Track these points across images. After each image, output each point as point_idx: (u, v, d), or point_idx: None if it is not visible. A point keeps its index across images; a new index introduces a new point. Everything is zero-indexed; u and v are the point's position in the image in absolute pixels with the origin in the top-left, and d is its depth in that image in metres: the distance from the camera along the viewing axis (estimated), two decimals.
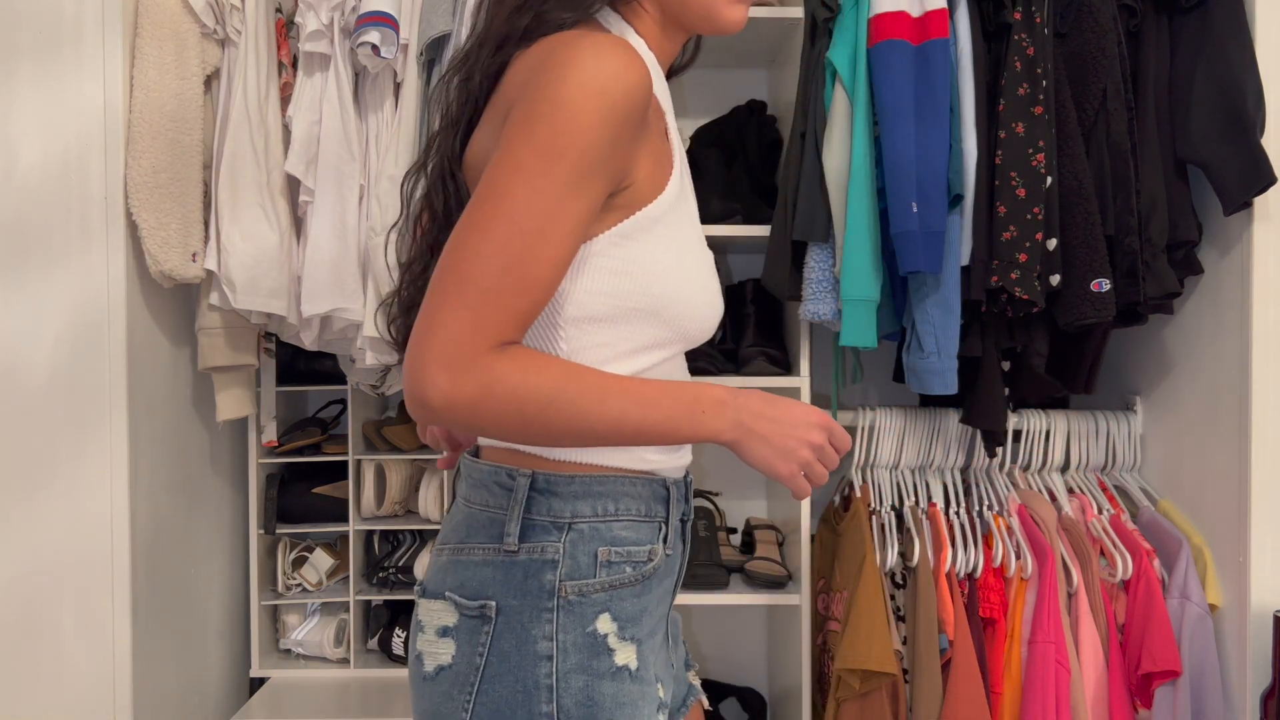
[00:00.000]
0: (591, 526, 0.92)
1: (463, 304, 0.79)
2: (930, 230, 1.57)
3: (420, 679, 0.94)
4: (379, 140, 1.74)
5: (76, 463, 1.54)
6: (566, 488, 0.92)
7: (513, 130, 0.82)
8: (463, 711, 0.90)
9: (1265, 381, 1.60)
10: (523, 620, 0.90)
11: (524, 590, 0.90)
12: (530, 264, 0.80)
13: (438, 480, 2.06)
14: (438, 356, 0.79)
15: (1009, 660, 1.74)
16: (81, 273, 1.54)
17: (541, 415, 0.82)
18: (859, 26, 1.66)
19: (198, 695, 1.83)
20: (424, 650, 0.93)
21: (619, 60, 0.82)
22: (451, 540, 0.96)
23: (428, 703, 0.93)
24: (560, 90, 0.80)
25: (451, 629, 0.92)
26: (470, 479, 0.97)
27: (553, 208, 0.80)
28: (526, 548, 0.91)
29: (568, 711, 0.89)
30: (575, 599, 0.90)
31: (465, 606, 0.91)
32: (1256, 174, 1.56)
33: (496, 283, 0.79)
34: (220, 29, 1.68)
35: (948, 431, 1.90)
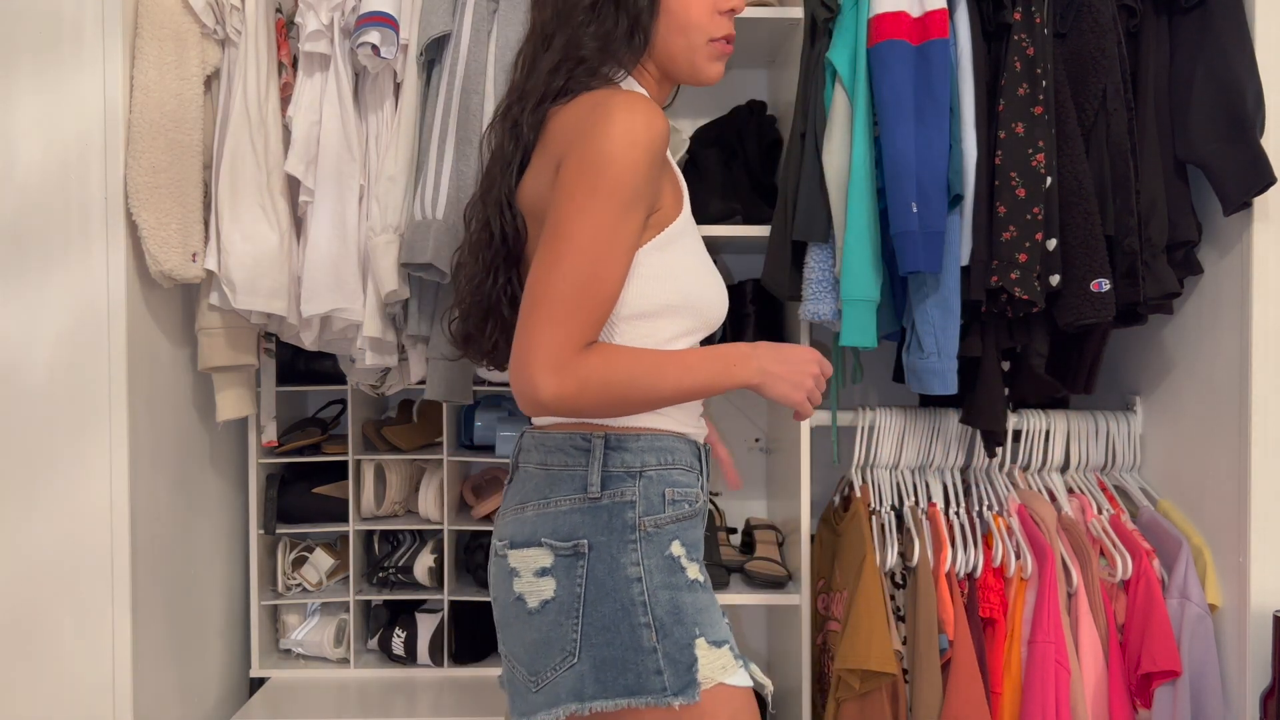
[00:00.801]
0: (658, 473, 1.16)
1: (553, 321, 1.03)
2: (930, 230, 1.57)
3: (525, 615, 1.14)
4: (379, 140, 1.73)
5: (76, 462, 1.54)
6: (634, 444, 1.16)
7: (570, 178, 1.07)
8: (573, 633, 1.11)
9: (1265, 381, 1.60)
10: (611, 552, 1.12)
11: (609, 528, 1.13)
12: (599, 282, 1.06)
13: (437, 480, 2.06)
14: (542, 364, 1.03)
15: (1009, 660, 1.74)
16: (81, 273, 1.54)
17: (625, 393, 1.09)
18: (859, 27, 1.66)
19: (198, 695, 1.83)
20: (524, 591, 1.14)
21: (646, 114, 1.07)
22: (533, 498, 1.17)
23: (535, 633, 1.13)
24: (605, 144, 1.05)
25: (549, 568, 1.13)
26: (544, 447, 1.19)
27: (610, 237, 1.05)
28: (608, 494, 1.14)
29: (660, 620, 1.11)
30: (652, 530, 1.14)
31: (560, 548, 1.13)
32: (1256, 174, 1.57)
33: (577, 300, 1.04)
34: (220, 29, 1.67)
35: (948, 431, 1.90)
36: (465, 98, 1.67)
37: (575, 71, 1.16)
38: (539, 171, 1.17)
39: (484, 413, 2.11)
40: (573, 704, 1.10)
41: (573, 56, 1.16)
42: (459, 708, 1.88)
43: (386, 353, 1.78)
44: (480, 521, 2.06)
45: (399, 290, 1.68)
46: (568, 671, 1.11)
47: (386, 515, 2.09)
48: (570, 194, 1.06)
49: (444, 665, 2.02)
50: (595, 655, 1.10)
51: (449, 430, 2.04)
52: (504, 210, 1.20)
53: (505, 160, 1.21)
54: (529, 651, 1.14)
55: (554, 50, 1.18)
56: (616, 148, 1.05)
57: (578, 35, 1.16)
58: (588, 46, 1.16)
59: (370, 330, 1.72)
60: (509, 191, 1.21)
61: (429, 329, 1.73)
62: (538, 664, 1.13)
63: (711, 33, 1.20)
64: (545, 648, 1.12)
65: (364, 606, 2.11)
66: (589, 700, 1.10)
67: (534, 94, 1.18)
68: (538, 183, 1.16)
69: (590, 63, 1.16)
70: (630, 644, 1.10)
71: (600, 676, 1.10)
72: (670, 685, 1.09)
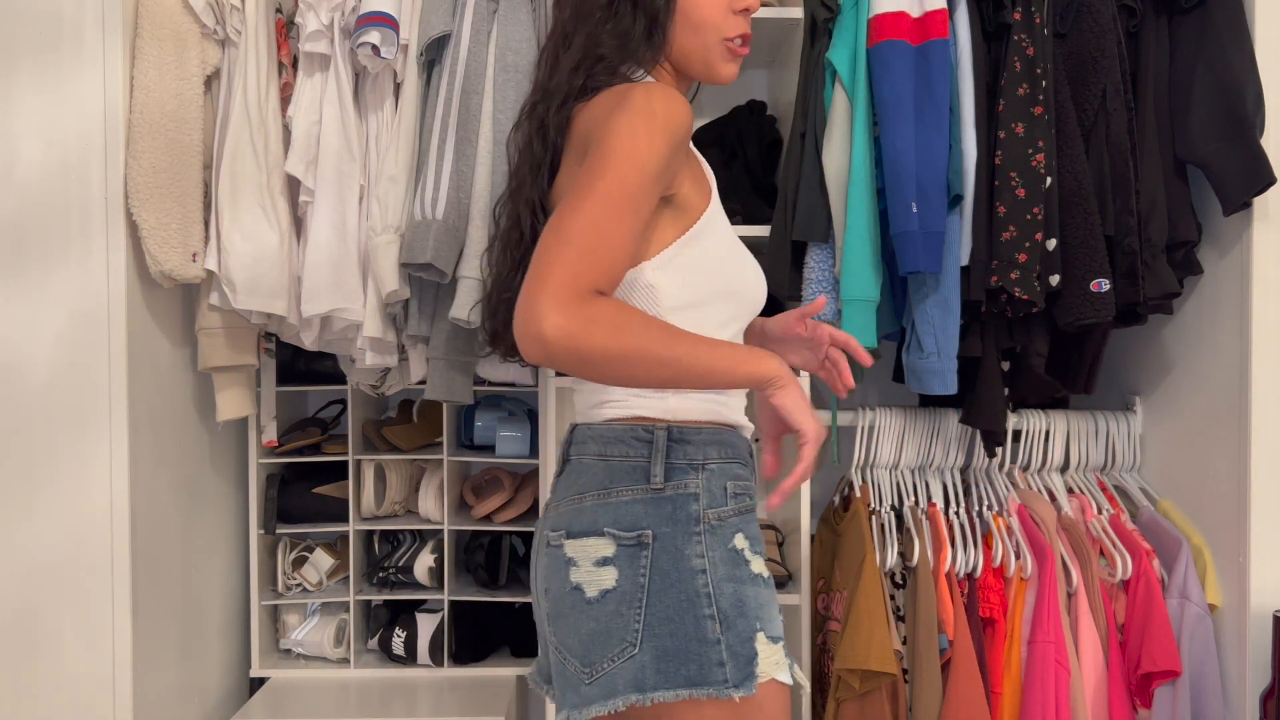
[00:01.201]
0: (719, 466, 1.17)
1: (564, 261, 0.99)
2: (930, 230, 1.58)
3: (582, 604, 1.13)
4: (379, 140, 1.74)
5: (76, 462, 1.54)
6: (696, 436, 1.16)
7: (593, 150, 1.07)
8: (635, 623, 1.10)
9: (1265, 381, 1.60)
10: (675, 543, 1.12)
11: (673, 519, 1.13)
12: (614, 233, 1.02)
13: (437, 480, 2.06)
14: (550, 298, 0.97)
15: (1009, 660, 1.74)
16: (81, 273, 1.54)
17: (630, 348, 1.01)
18: (859, 27, 1.66)
19: (198, 695, 1.83)
20: (583, 580, 1.13)
21: (665, 96, 1.08)
22: (591, 488, 1.17)
23: (594, 623, 1.12)
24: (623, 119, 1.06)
25: (611, 558, 1.13)
26: (602, 439, 1.19)
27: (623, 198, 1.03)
28: (671, 485, 1.14)
29: (725, 612, 1.11)
30: (716, 523, 1.14)
31: (623, 537, 1.13)
32: (1256, 174, 1.57)
33: (590, 244, 1.00)
34: (220, 29, 1.68)
35: (947, 431, 1.90)
36: (465, 98, 1.67)
37: (595, 69, 1.17)
38: (569, 168, 1.19)
39: (484, 413, 2.11)
40: (633, 694, 1.09)
41: (592, 54, 1.18)
42: (459, 708, 1.88)
43: (386, 353, 1.78)
44: (480, 521, 2.06)
45: (399, 290, 1.68)
46: (627, 662, 1.10)
47: (386, 515, 2.09)
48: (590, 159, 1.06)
49: (444, 665, 2.02)
50: (657, 646, 1.10)
51: (449, 430, 2.05)
52: (535, 211, 1.21)
53: (535, 161, 1.22)
54: (584, 642, 1.13)
55: (574, 49, 1.19)
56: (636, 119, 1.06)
57: (597, 34, 1.18)
58: (606, 45, 1.17)
59: (370, 330, 1.72)
60: (541, 193, 1.22)
61: (429, 329, 1.73)
62: (594, 654, 1.12)
63: (726, 32, 1.20)
64: (604, 638, 1.11)
65: (364, 606, 2.11)
66: (650, 691, 1.09)
67: (558, 93, 1.19)
68: (567, 182, 1.18)
69: (609, 60, 1.17)
70: (694, 635, 1.10)
71: (662, 667, 1.09)
72: (731, 677, 1.09)
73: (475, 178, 1.66)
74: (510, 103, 1.66)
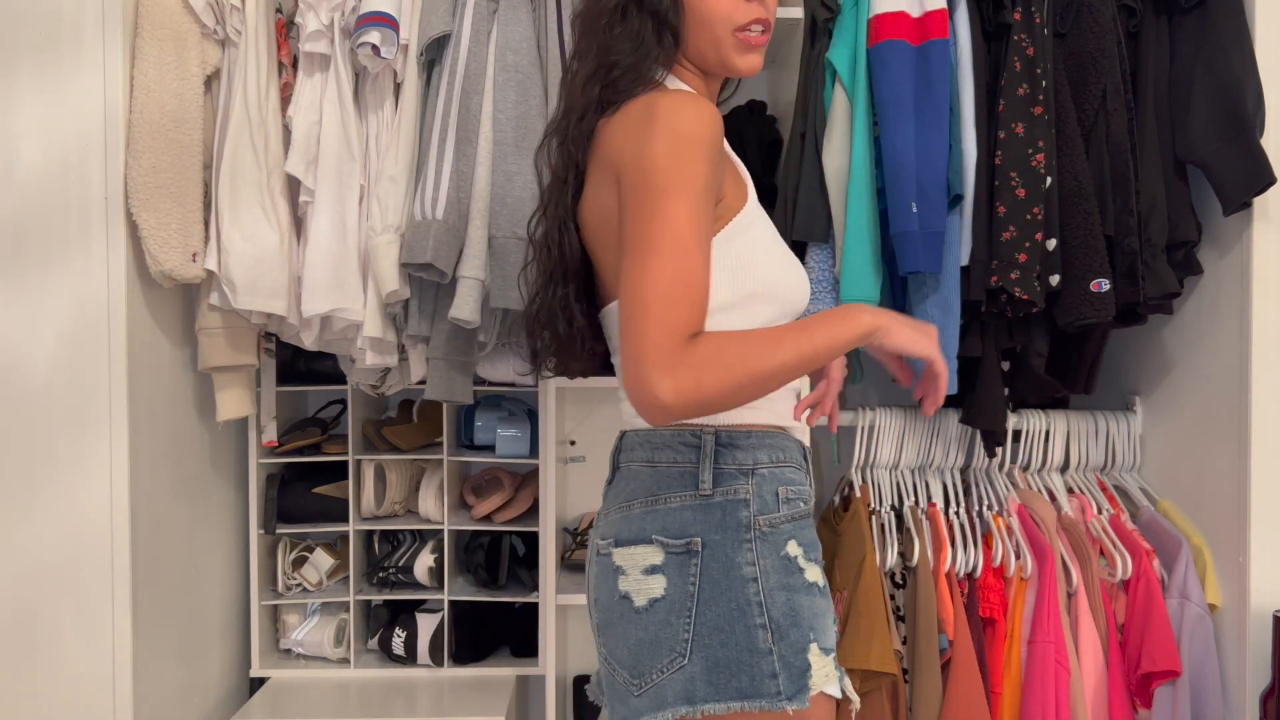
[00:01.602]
0: (770, 470, 1.14)
1: (653, 323, 0.98)
2: (930, 230, 1.58)
3: (631, 614, 1.11)
4: (379, 140, 1.74)
5: (76, 462, 1.54)
6: (745, 441, 1.14)
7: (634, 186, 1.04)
8: (684, 632, 1.08)
9: (1265, 381, 1.60)
10: (726, 550, 1.10)
11: (723, 526, 1.11)
12: (688, 273, 1.01)
13: (437, 480, 2.06)
14: (653, 366, 0.97)
15: (1009, 660, 1.74)
16: (82, 273, 1.54)
17: (746, 372, 1.00)
18: (859, 27, 1.66)
19: (198, 695, 1.83)
20: (630, 589, 1.12)
21: (693, 108, 1.05)
22: (639, 495, 1.15)
23: (642, 632, 1.10)
24: (659, 144, 1.03)
25: (660, 566, 1.11)
26: (650, 444, 1.17)
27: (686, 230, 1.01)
28: (721, 491, 1.12)
29: (777, 622, 1.08)
30: (767, 529, 1.12)
31: (672, 545, 1.11)
32: (1256, 174, 1.57)
33: (670, 293, 0.99)
34: (220, 29, 1.68)
35: (947, 431, 1.90)
36: (465, 98, 1.67)
37: (611, 78, 1.13)
38: (597, 184, 1.15)
39: (484, 413, 2.11)
40: (683, 707, 1.07)
41: (605, 63, 1.14)
42: (459, 708, 1.88)
43: (387, 353, 1.78)
44: (480, 521, 2.06)
45: (399, 290, 1.68)
46: (676, 673, 1.08)
47: (386, 515, 2.09)
48: (638, 200, 1.04)
49: (444, 665, 2.02)
50: (707, 656, 1.08)
51: (449, 430, 2.05)
52: (563, 227, 1.19)
53: (559, 177, 1.20)
54: (633, 652, 1.11)
55: (588, 61, 1.16)
56: (671, 145, 1.03)
57: (607, 41, 1.14)
58: (619, 50, 1.13)
59: (370, 330, 1.72)
60: (567, 209, 1.19)
61: (429, 329, 1.73)
62: (643, 665, 1.10)
63: (736, 21, 1.14)
64: (652, 648, 1.09)
65: (364, 606, 2.11)
66: (700, 703, 1.07)
67: (577, 108, 1.17)
68: (598, 196, 1.15)
69: (625, 67, 1.13)
70: (745, 645, 1.07)
71: (712, 678, 1.07)
72: (785, 689, 1.07)
73: (475, 178, 1.66)
74: (510, 103, 1.66)
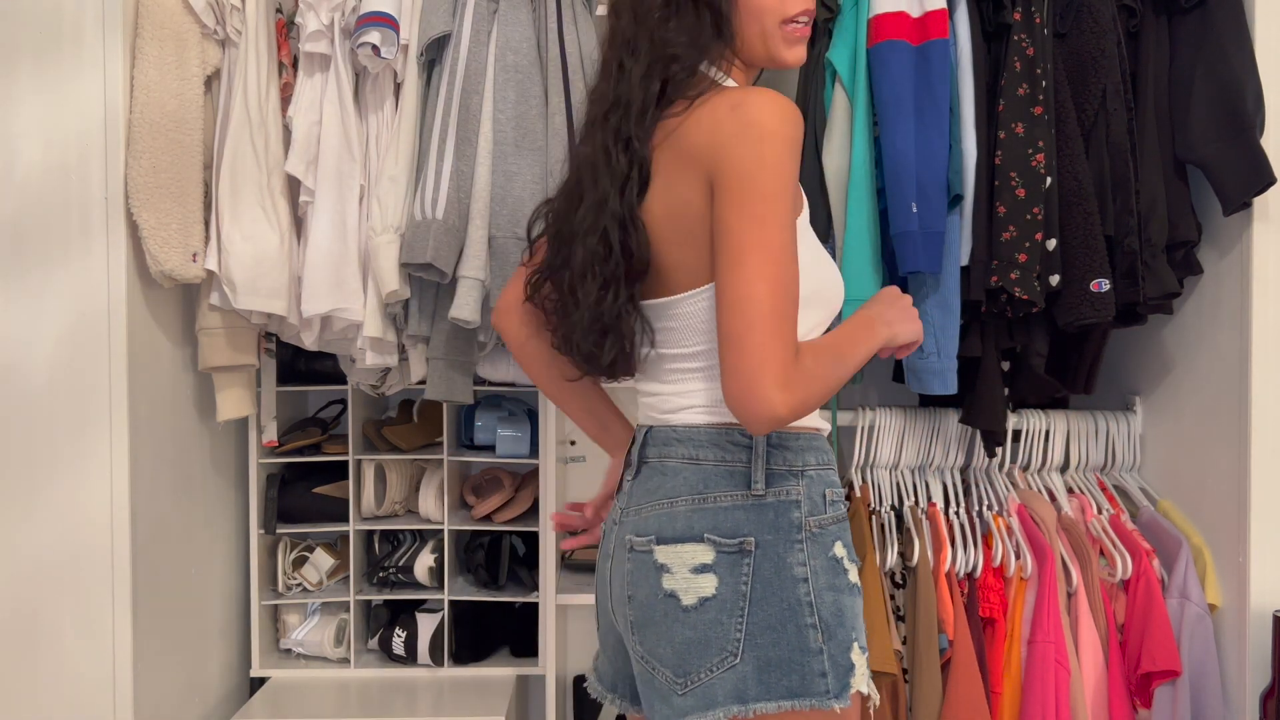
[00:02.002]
0: (817, 473, 1.16)
1: (774, 335, 1.02)
2: (930, 230, 1.58)
3: (678, 612, 1.11)
4: (379, 140, 1.74)
5: (77, 462, 1.54)
6: (795, 443, 1.15)
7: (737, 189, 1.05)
8: (736, 631, 1.09)
9: (1265, 381, 1.60)
10: (778, 551, 1.10)
11: (775, 526, 1.11)
12: (794, 285, 1.05)
13: (437, 480, 2.06)
14: (774, 381, 1.01)
15: (1009, 660, 1.74)
16: (82, 273, 1.54)
17: (827, 387, 1.08)
18: (859, 27, 1.66)
19: (198, 695, 1.83)
20: (678, 588, 1.11)
21: (784, 109, 1.06)
22: (683, 493, 1.15)
23: (691, 631, 1.10)
24: (763, 148, 1.04)
25: (710, 565, 1.11)
26: (692, 441, 1.16)
27: (789, 238, 1.05)
28: (773, 491, 1.12)
29: (826, 622, 1.10)
30: (817, 531, 1.13)
31: (724, 545, 1.11)
32: (1256, 174, 1.57)
33: (784, 309, 1.03)
34: (220, 29, 1.68)
35: (947, 431, 1.90)
36: (465, 98, 1.67)
37: (670, 72, 1.13)
38: (674, 182, 1.12)
39: (484, 413, 2.11)
40: (734, 706, 1.07)
41: (663, 56, 1.13)
42: (459, 708, 1.88)
43: (387, 353, 1.78)
44: (480, 521, 2.06)
45: (400, 290, 1.68)
46: (727, 672, 1.08)
47: (386, 515, 2.09)
48: (744, 204, 1.04)
49: (444, 665, 2.02)
50: (759, 656, 1.08)
51: (449, 430, 2.05)
52: (625, 226, 1.14)
53: (620, 175, 1.14)
54: (679, 651, 1.10)
55: (642, 54, 1.14)
56: (771, 150, 1.05)
57: (663, 34, 1.13)
58: (676, 44, 1.13)
59: (371, 330, 1.72)
60: (630, 208, 1.14)
61: (429, 329, 1.74)
62: (690, 664, 1.10)
63: (785, 12, 1.15)
64: (701, 647, 1.09)
65: (364, 606, 2.11)
66: (752, 702, 1.07)
67: (634, 103, 1.13)
68: (675, 191, 1.12)
69: (683, 60, 1.13)
70: (797, 645, 1.08)
71: (764, 678, 1.08)
72: (832, 688, 1.08)
73: (475, 178, 1.66)
74: (510, 103, 1.66)
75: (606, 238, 1.14)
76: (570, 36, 1.70)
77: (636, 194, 1.14)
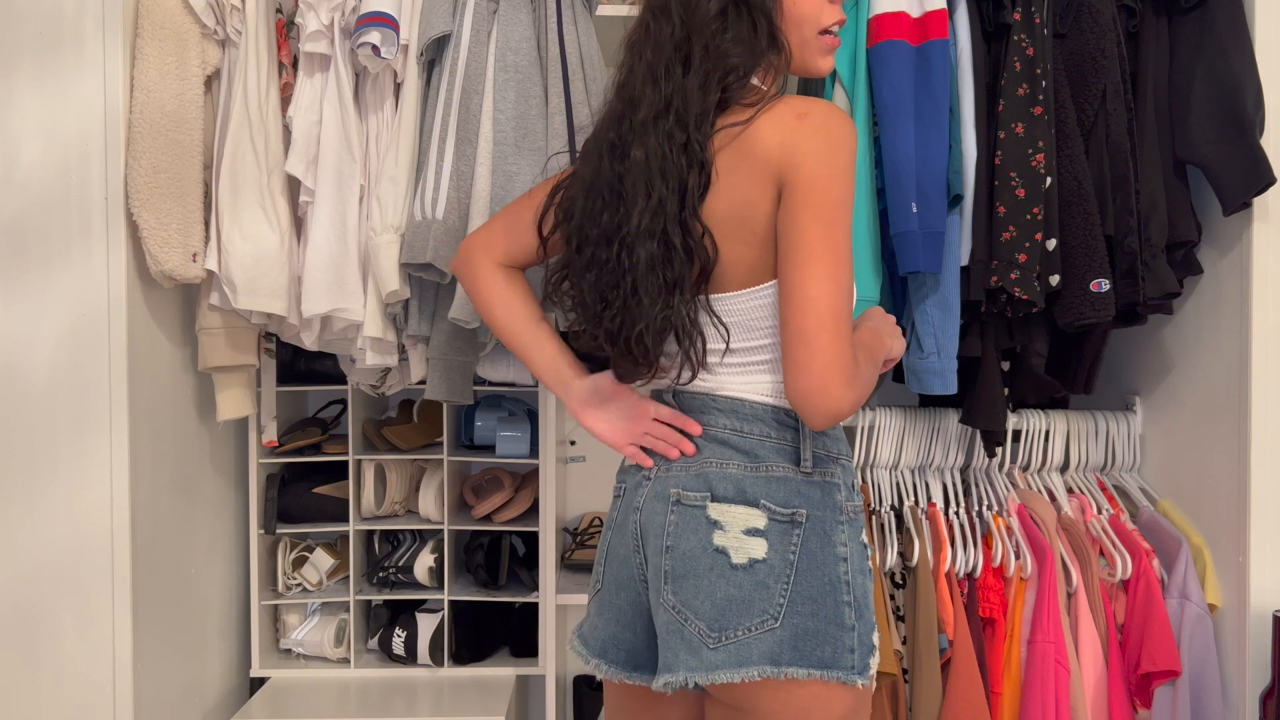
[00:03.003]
0: (847, 463, 1.23)
1: (841, 335, 1.08)
2: (930, 230, 1.58)
3: (726, 569, 1.15)
4: (379, 140, 1.74)
5: (77, 463, 1.54)
6: (832, 432, 1.22)
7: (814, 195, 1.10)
8: (780, 597, 1.13)
9: (1265, 381, 1.60)
10: (824, 528, 1.16)
11: (823, 504, 1.17)
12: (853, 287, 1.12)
13: (437, 480, 2.06)
14: (842, 379, 1.08)
15: (1009, 660, 1.74)
16: (82, 273, 1.54)
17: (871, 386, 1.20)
18: (859, 27, 1.66)
19: (198, 695, 1.83)
20: (730, 545, 1.15)
21: (848, 121, 1.13)
22: (735, 457, 1.19)
23: (735, 589, 1.14)
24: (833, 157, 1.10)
25: (762, 530, 1.15)
26: (736, 414, 1.20)
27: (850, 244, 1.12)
28: (819, 471, 1.18)
29: (858, 601, 1.15)
30: (852, 515, 1.19)
31: (777, 513, 1.16)
32: (1256, 174, 1.57)
33: (848, 309, 1.10)
34: (220, 29, 1.68)
35: (947, 431, 1.90)
36: (465, 98, 1.67)
37: (726, 81, 1.16)
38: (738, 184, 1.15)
39: (484, 413, 2.11)
40: (768, 667, 1.11)
41: (721, 66, 1.16)
42: (459, 708, 1.88)
43: (387, 353, 1.78)
44: (480, 521, 2.06)
45: (400, 290, 1.68)
46: (765, 634, 1.12)
47: (386, 515, 2.09)
48: (817, 209, 1.10)
49: (444, 665, 2.02)
50: (798, 624, 1.13)
51: (449, 430, 2.05)
52: (688, 230, 1.16)
53: (678, 178, 1.15)
54: (718, 606, 1.14)
55: (696, 63, 1.16)
56: (845, 159, 1.11)
57: (719, 44, 1.16)
58: (734, 53, 1.16)
59: (371, 330, 1.72)
60: (692, 211, 1.16)
61: (429, 329, 1.74)
62: (728, 620, 1.13)
63: (823, 23, 1.21)
64: (743, 606, 1.13)
65: (364, 606, 2.11)
66: (784, 666, 1.11)
67: (692, 109, 1.15)
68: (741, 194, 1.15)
69: (740, 70, 1.16)
70: (833, 619, 1.13)
71: (799, 645, 1.12)
72: (857, 665, 1.13)
73: (475, 178, 1.66)
74: (510, 103, 1.66)
75: (667, 240, 1.15)
76: (570, 36, 1.70)
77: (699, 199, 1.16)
